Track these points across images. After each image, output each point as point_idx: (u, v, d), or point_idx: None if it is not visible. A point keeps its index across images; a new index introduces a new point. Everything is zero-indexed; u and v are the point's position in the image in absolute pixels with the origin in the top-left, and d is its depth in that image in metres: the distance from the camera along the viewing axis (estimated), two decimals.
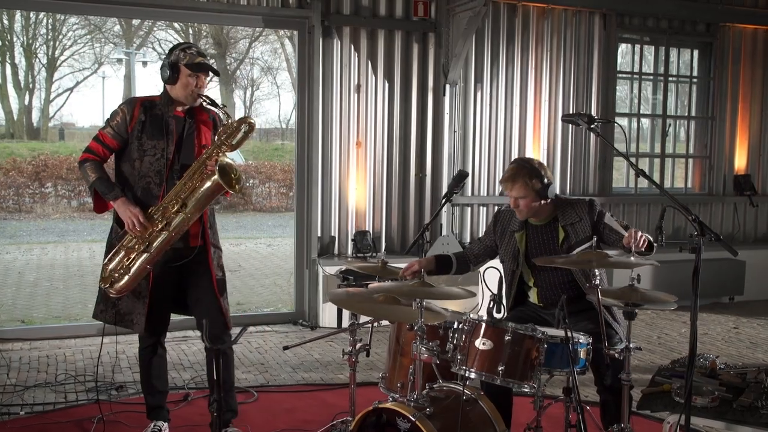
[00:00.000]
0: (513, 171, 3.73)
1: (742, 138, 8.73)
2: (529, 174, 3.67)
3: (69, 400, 4.90)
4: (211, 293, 3.94)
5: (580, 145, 7.99)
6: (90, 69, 33.22)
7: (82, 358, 5.86)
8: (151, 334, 4.01)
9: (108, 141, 3.84)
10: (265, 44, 32.87)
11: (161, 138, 3.80)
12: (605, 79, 8.01)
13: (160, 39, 31.09)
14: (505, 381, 3.09)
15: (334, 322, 6.91)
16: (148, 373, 4.11)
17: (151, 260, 3.77)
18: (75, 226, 15.97)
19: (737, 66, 8.63)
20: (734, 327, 7.26)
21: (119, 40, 30.25)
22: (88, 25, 28.97)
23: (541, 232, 3.82)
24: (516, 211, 3.78)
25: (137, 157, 3.81)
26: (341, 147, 7.14)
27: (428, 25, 7.29)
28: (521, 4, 7.61)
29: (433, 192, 7.48)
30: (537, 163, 3.76)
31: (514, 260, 3.83)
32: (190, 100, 3.84)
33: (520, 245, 3.82)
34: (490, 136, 7.66)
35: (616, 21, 8.00)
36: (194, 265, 3.92)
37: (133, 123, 3.81)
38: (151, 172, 3.81)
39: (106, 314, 3.95)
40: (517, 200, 3.72)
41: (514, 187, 3.69)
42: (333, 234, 7.19)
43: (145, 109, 3.84)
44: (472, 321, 3.19)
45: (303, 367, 5.75)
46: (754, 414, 3.18)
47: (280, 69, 34.15)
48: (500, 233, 3.94)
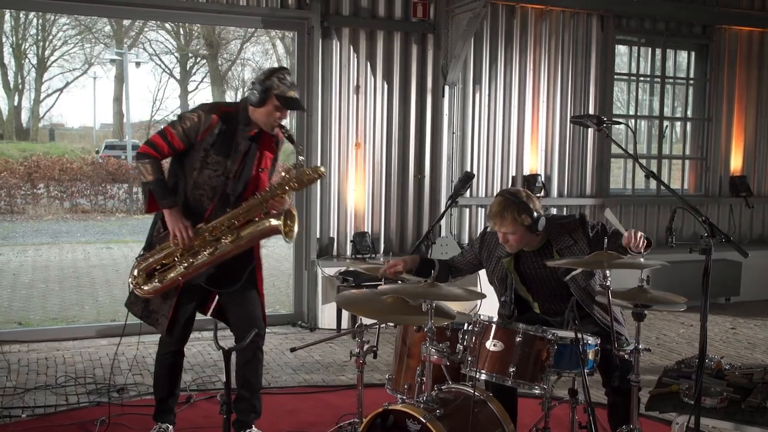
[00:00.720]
0: (501, 206, 3.50)
1: (738, 139, 8.78)
2: (518, 209, 3.45)
3: (70, 403, 4.87)
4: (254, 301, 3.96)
5: (577, 147, 8.01)
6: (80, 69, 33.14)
7: (81, 360, 5.83)
8: (174, 341, 3.95)
9: (175, 142, 3.68)
10: (256, 45, 32.86)
11: (228, 156, 3.69)
12: (602, 81, 8.04)
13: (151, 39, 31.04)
14: (516, 382, 3.09)
15: (334, 324, 6.90)
16: (164, 378, 4.05)
17: (187, 275, 3.73)
18: (68, 228, 15.91)
19: (733, 68, 8.67)
20: (732, 328, 7.29)
21: (110, 41, 30.15)
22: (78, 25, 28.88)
23: (534, 258, 3.65)
24: (506, 246, 3.60)
25: (198, 167, 3.70)
26: (340, 148, 7.13)
27: (427, 27, 7.29)
28: (519, 5, 7.62)
29: (431, 193, 7.48)
30: (524, 194, 3.55)
31: (502, 284, 3.73)
32: (268, 127, 3.74)
33: (510, 271, 3.70)
34: (489, 137, 7.67)
35: (613, 23, 8.03)
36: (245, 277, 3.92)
37: (206, 133, 3.66)
38: (206, 186, 3.72)
39: (135, 307, 3.91)
40: (506, 236, 3.54)
41: (503, 223, 3.49)
42: (332, 235, 7.18)
43: (222, 122, 3.67)
44: (483, 322, 3.19)
45: (304, 369, 5.74)
46: (763, 414, 3.19)
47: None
48: (486, 256, 3.81)
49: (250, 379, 4.03)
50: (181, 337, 3.98)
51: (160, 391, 4.11)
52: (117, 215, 17.80)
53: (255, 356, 4.02)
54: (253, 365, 4.03)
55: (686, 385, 3.38)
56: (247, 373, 4.01)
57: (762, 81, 8.84)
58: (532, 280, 3.70)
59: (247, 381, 4.02)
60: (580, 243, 3.57)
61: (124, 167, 18.62)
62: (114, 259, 12.00)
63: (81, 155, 23.97)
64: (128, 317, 4.07)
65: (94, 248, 13.10)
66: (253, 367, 4.03)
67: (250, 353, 3.96)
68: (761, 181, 8.96)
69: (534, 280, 3.69)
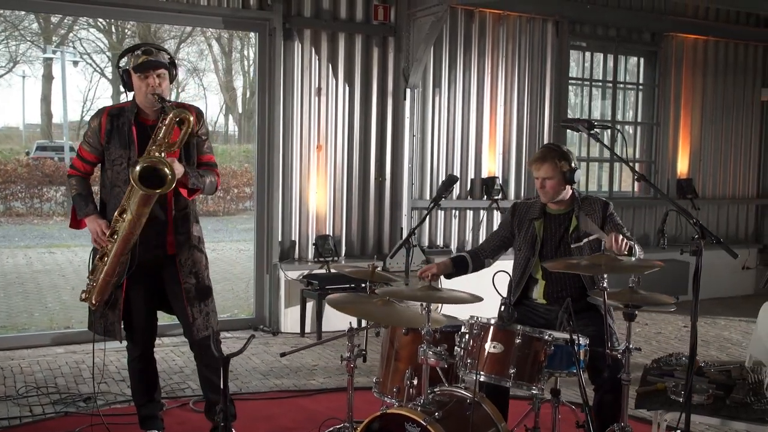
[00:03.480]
0: (543, 152, 3.84)
1: (684, 143, 9.06)
2: (559, 156, 3.77)
3: (35, 414, 4.69)
4: (180, 302, 3.86)
5: (534, 149, 8.11)
6: (4, 68, 31.98)
7: (40, 369, 5.63)
8: (135, 345, 3.92)
9: (85, 155, 3.81)
10: (191, 45, 32.33)
11: (127, 147, 3.69)
12: (558, 85, 8.19)
13: (81, 38, 30.20)
14: (516, 383, 3.12)
15: (297, 328, 6.85)
16: (137, 385, 4.00)
17: (110, 272, 3.70)
18: (4, 232, 15.36)
19: (680, 74, 8.96)
20: (684, 326, 7.52)
21: (37, 38, 29.18)
22: (3, 22, 27.88)
23: (557, 221, 3.89)
24: (541, 192, 3.86)
25: (108, 166, 3.77)
26: (302, 150, 7.07)
27: (388, 30, 7.30)
28: (478, 10, 7.70)
29: (392, 196, 7.49)
30: (566, 149, 3.87)
31: (531, 248, 3.88)
32: (149, 105, 3.68)
33: (538, 233, 3.89)
34: (448, 140, 7.73)
35: (568, 28, 8.19)
36: (167, 274, 3.85)
37: (102, 133, 3.73)
38: (119, 182, 3.73)
39: (96, 326, 3.88)
40: (544, 181, 3.80)
41: (542, 166, 3.78)
42: (293, 238, 7.11)
43: (112, 118, 3.73)
44: (482, 324, 3.21)
45: (273, 374, 5.68)
46: (747, 410, 3.30)
47: (207, 71, 33.68)
48: (518, 223, 3.99)
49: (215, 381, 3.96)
50: (143, 340, 3.94)
51: (137, 398, 4.05)
52: (55, 218, 17.24)
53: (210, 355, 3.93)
54: (214, 367, 3.95)
55: (672, 383, 3.47)
56: (210, 375, 3.95)
57: (707, 87, 9.15)
58: (549, 250, 3.86)
59: (212, 384, 3.95)
60: (595, 215, 3.82)
61: (61, 169, 18.04)
62: (58, 264, 11.64)
63: (10, 156, 23.11)
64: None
65: (35, 253, 12.68)
66: (214, 368, 3.94)
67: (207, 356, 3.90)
68: (706, 183, 9.28)
69: (550, 251, 3.86)
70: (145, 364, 3.97)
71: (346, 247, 7.34)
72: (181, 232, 3.83)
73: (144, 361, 3.97)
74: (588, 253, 3.72)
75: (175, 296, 3.88)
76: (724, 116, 9.32)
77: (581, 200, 3.89)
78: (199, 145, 3.84)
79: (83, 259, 11.84)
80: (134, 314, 3.86)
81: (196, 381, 5.39)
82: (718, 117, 9.28)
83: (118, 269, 3.71)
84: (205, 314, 3.87)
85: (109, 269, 3.70)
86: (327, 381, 5.53)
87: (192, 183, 3.69)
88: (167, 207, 3.76)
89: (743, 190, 9.61)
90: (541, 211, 3.92)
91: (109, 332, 3.82)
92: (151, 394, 4.03)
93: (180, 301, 3.85)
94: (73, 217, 3.85)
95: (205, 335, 3.84)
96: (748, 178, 9.63)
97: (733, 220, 9.50)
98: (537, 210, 3.94)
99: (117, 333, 3.83)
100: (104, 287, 3.75)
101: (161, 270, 3.85)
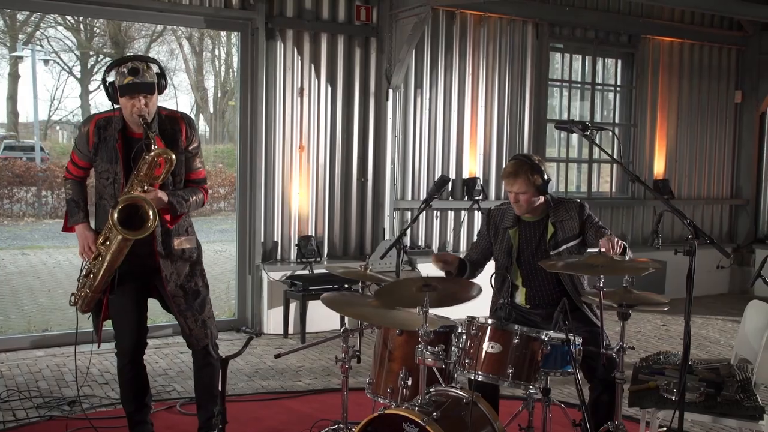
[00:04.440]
0: (515, 167, 3.78)
1: (661, 144, 9.18)
2: (531, 170, 3.73)
3: (19, 418, 4.61)
4: (175, 314, 3.81)
5: (514, 150, 8.17)
6: None
7: (21, 373, 5.55)
8: (126, 351, 3.82)
9: (77, 160, 3.78)
10: (161, 45, 32.02)
11: (113, 162, 3.62)
12: (538, 86, 8.25)
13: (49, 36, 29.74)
14: (514, 383, 3.14)
15: (280, 329, 6.82)
16: (128, 392, 3.91)
17: (98, 288, 3.68)
18: None
19: (656, 76, 9.08)
20: (663, 325, 7.62)
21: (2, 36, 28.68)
22: None
23: (533, 229, 3.89)
24: (515, 206, 3.84)
25: (96, 177, 3.72)
26: (284, 151, 7.04)
27: (370, 30, 7.30)
28: (459, 11, 7.74)
29: (374, 197, 7.49)
30: (537, 159, 3.83)
31: (508, 257, 3.89)
32: (134, 122, 3.59)
33: (513, 241, 3.89)
34: (430, 141, 7.75)
35: (548, 30, 8.26)
36: (157, 283, 3.79)
37: (90, 143, 3.66)
38: (106, 195, 3.67)
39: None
40: (518, 195, 3.78)
41: (516, 182, 3.75)
42: (276, 239, 7.08)
43: (99, 129, 3.64)
44: (479, 325, 3.22)
45: (258, 376, 5.65)
46: (738, 407, 3.35)
47: (177, 70, 33.38)
48: (494, 232, 3.99)
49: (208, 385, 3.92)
50: (132, 346, 3.83)
51: (127, 404, 3.96)
52: (26, 220, 16.97)
53: (208, 362, 3.90)
54: (208, 371, 3.91)
55: (664, 381, 3.52)
56: (204, 378, 3.92)
57: (682, 89, 9.29)
58: (527, 257, 3.86)
59: (205, 388, 3.92)
60: (572, 220, 3.82)
61: (32, 170, 17.73)
62: (32, 265, 11.46)
63: None
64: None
65: (8, 254, 12.46)
66: (209, 372, 3.91)
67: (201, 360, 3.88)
68: (682, 184, 9.41)
69: (528, 258, 3.86)
70: (135, 371, 3.88)
71: (328, 247, 7.33)
72: (164, 246, 3.72)
73: (134, 369, 3.87)
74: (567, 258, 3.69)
75: (168, 308, 3.86)
76: (699, 118, 9.46)
77: (555, 205, 3.87)
78: (189, 161, 3.75)
79: (57, 261, 11.80)
80: (124, 320, 3.77)
81: (180, 383, 5.38)
82: (694, 118, 9.42)
83: (104, 287, 3.70)
84: (201, 323, 3.80)
85: (97, 286, 3.68)
86: (313, 382, 5.52)
87: (176, 211, 3.64)
88: None
89: (717, 190, 9.77)
90: (514, 219, 3.91)
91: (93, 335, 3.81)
92: (141, 399, 3.94)
93: (174, 313, 3.81)
94: (65, 221, 3.82)
95: (205, 344, 3.82)
96: (722, 179, 9.79)
97: (708, 220, 9.65)
98: (511, 218, 3.93)
99: (95, 336, 3.82)
100: (92, 300, 3.75)
101: (152, 277, 3.78)
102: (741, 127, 9.80)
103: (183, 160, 3.72)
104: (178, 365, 5.83)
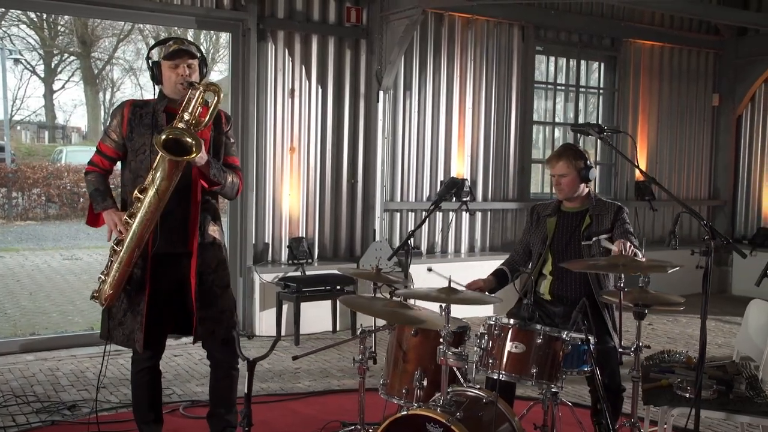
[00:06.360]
0: (559, 150, 4.01)
1: (642, 146, 9.33)
2: (574, 154, 3.92)
3: (20, 423, 4.54)
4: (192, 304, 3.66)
5: (500, 152, 8.26)
6: None
7: (14, 378, 5.46)
8: (149, 356, 3.72)
9: (108, 151, 3.68)
10: (127, 44, 31.62)
11: (149, 132, 3.56)
12: (523, 89, 8.34)
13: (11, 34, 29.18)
14: (538, 383, 3.18)
15: (272, 331, 6.80)
16: (144, 399, 3.81)
17: (128, 260, 3.49)
18: None
19: (638, 79, 9.22)
20: (649, 324, 7.74)
21: None
22: None
23: (571, 218, 4.02)
24: (557, 189, 4.00)
25: (132, 158, 3.63)
26: (275, 152, 7.03)
27: (360, 32, 7.32)
28: (447, 14, 7.78)
29: (364, 198, 7.50)
30: (582, 148, 4.04)
31: (543, 244, 4.00)
32: (177, 93, 3.58)
33: (549, 229, 4.01)
34: (418, 142, 7.78)
35: (533, 33, 8.34)
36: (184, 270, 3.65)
37: (125, 124, 3.61)
38: (141, 171, 3.58)
39: (113, 334, 3.66)
40: (560, 178, 3.93)
41: (558, 163, 3.92)
42: (267, 241, 7.06)
43: (135, 108, 3.64)
44: (502, 325, 3.26)
45: (257, 378, 5.60)
46: (750, 404, 3.43)
47: (143, 70, 32.98)
48: (535, 222, 4.13)
49: (225, 394, 3.89)
50: (155, 351, 3.75)
51: (142, 413, 3.84)
52: None
53: (229, 374, 3.86)
54: (227, 382, 3.88)
55: (677, 379, 3.58)
56: (222, 389, 3.89)
57: (662, 92, 9.45)
58: (560, 245, 3.97)
59: (222, 397, 3.89)
60: (608, 216, 3.95)
61: (2, 170, 17.35)
62: (9, 268, 11.23)
63: None
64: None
65: None
66: (227, 384, 3.88)
67: (223, 370, 3.83)
68: (663, 185, 9.54)
69: (561, 247, 3.96)
70: (154, 375, 3.81)
71: (318, 249, 7.32)
72: (206, 225, 3.68)
73: (153, 373, 3.81)
74: (597, 251, 3.85)
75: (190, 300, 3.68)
76: (678, 120, 9.63)
77: (596, 201, 4.01)
78: (227, 146, 3.76)
79: (35, 264, 11.56)
80: (154, 321, 3.62)
81: (180, 386, 5.35)
82: (673, 121, 9.59)
83: (136, 259, 3.52)
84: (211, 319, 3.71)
85: (127, 257, 3.49)
86: (313, 384, 5.51)
87: (213, 174, 3.55)
88: (189, 199, 3.61)
89: (696, 191, 9.95)
90: (555, 208, 4.06)
91: (128, 342, 3.62)
92: (156, 408, 3.85)
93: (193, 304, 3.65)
94: (90, 213, 3.68)
95: (212, 339, 3.75)
96: (700, 181, 9.98)
97: (686, 221, 9.80)
98: (551, 208, 4.10)
99: (137, 342, 3.60)
100: (121, 279, 3.53)
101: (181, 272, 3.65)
102: (718, 129, 10.00)
103: (223, 142, 3.73)
104: (174, 368, 5.78)
